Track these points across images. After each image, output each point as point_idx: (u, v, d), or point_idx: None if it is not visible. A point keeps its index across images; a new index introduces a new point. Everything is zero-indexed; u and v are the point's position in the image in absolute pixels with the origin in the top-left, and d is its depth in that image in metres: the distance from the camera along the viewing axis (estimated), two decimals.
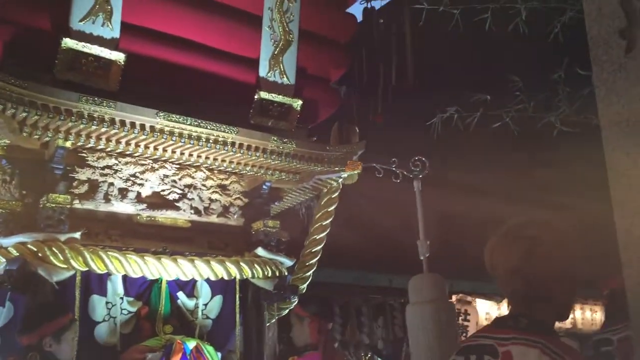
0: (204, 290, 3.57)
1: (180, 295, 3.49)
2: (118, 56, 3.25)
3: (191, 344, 3.16)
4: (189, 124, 3.38)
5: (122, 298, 3.30)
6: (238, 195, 3.84)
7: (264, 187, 3.90)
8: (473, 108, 4.01)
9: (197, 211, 3.68)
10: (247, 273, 3.60)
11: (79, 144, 3.22)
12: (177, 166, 3.63)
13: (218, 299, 3.62)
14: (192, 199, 3.67)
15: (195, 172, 3.69)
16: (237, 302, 3.65)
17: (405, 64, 4.68)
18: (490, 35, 3.95)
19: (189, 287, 3.53)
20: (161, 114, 3.29)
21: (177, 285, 3.49)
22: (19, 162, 3.30)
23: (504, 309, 10.61)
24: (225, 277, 3.54)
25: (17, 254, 3.00)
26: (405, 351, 7.47)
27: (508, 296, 1.79)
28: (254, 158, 3.66)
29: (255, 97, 3.75)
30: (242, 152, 3.60)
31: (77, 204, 3.26)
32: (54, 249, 3.01)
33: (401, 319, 10.12)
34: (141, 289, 3.38)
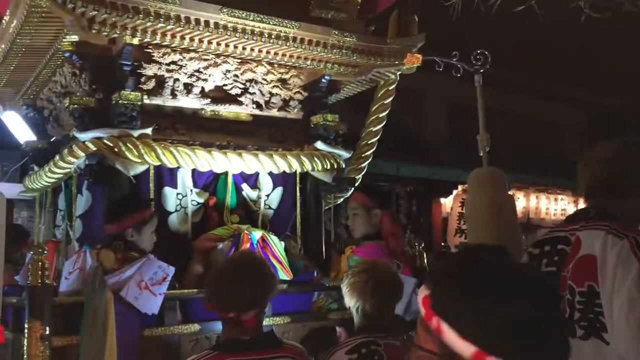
0: (266, 182, 3.72)
1: (245, 186, 3.66)
2: None
3: (257, 234, 3.37)
4: (251, 19, 3.36)
5: (191, 190, 3.48)
6: (298, 89, 3.88)
7: (323, 80, 3.91)
8: None
9: (258, 105, 3.74)
10: (307, 166, 3.73)
11: (146, 40, 3.25)
12: (239, 61, 3.65)
13: (279, 190, 3.78)
14: (254, 93, 3.72)
15: (257, 66, 3.71)
16: (298, 194, 3.81)
17: None
18: None
19: (253, 179, 3.69)
20: (225, 10, 3.27)
21: (242, 177, 3.64)
22: (88, 57, 3.36)
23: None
24: (287, 171, 3.68)
25: (95, 149, 3.16)
26: (407, 237, 7.58)
27: (587, 189, 1.92)
28: (314, 52, 3.64)
29: None
30: (303, 46, 3.59)
31: (145, 100, 3.35)
32: (128, 144, 3.16)
33: (406, 207, 10.27)
34: (208, 181, 3.55)
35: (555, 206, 10.89)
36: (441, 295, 0.97)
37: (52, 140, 4.14)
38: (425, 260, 3.78)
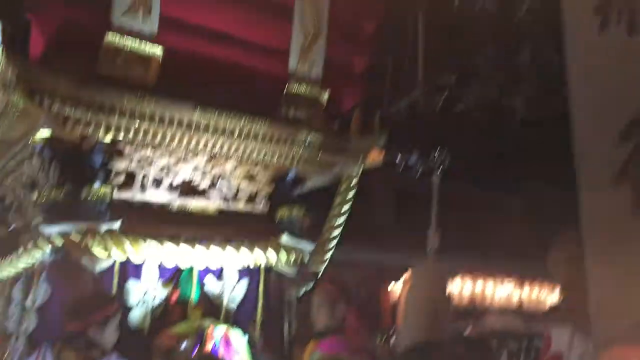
0: (231, 275, 3.74)
1: (208, 279, 3.67)
2: (156, 50, 3.32)
3: (221, 330, 3.36)
4: (223, 118, 3.48)
5: (155, 282, 3.47)
6: (264, 184, 3.98)
7: (289, 175, 4.03)
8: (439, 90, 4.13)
9: (225, 199, 3.81)
10: (272, 260, 3.78)
11: (119, 137, 3.32)
12: (209, 157, 3.74)
13: (243, 283, 3.80)
14: (222, 187, 3.80)
15: (226, 161, 3.80)
16: (261, 287, 3.84)
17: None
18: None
19: (217, 272, 3.71)
20: (198, 110, 3.38)
21: (206, 269, 3.66)
22: (59, 151, 3.39)
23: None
24: (252, 265, 3.72)
25: (62, 244, 3.14)
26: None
27: None
28: (282, 149, 3.78)
29: (286, 88, 3.85)
30: (272, 143, 3.72)
31: (114, 194, 3.38)
32: (96, 239, 3.16)
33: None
34: (172, 274, 3.55)
35: (501, 291, 11.08)
36: None
37: (11, 229, 4.08)
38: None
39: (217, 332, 3.33)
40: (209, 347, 3.23)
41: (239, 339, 3.41)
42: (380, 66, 4.54)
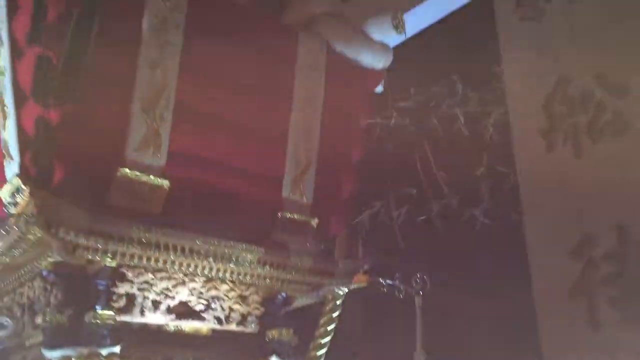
0: None
1: None
2: (164, 182, 3.60)
3: None
4: (223, 246, 3.72)
5: None
6: (256, 305, 4.16)
7: (278, 297, 4.22)
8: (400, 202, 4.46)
9: (219, 321, 3.97)
10: None
11: (124, 263, 3.51)
12: (205, 279, 3.93)
13: None
14: (216, 309, 3.97)
15: (221, 284, 3.99)
16: None
17: None
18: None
19: None
20: (200, 239, 3.62)
21: None
22: (64, 275, 3.55)
23: None
24: None
25: None
26: None
27: None
28: (275, 273, 4.00)
29: (278, 215, 4.13)
30: (265, 268, 3.95)
31: (115, 317, 3.52)
32: None
33: None
34: None
35: None
36: None
37: (2, 348, 4.14)
38: None
39: None
40: None
41: None
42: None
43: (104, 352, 3.35)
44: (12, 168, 3.57)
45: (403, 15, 4.68)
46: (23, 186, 3.44)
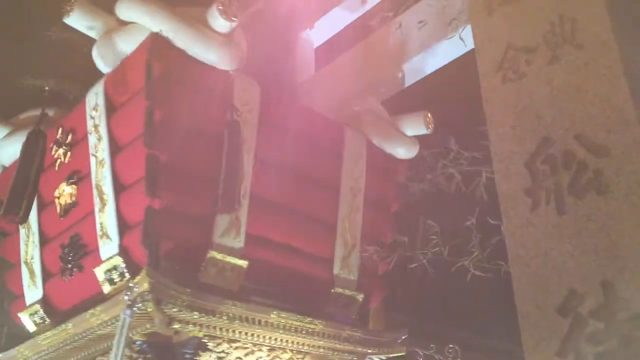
0: None
1: None
2: (243, 263, 4.13)
3: None
4: (291, 319, 4.22)
5: None
6: None
7: None
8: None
9: None
10: None
11: (208, 333, 3.98)
12: (269, 348, 4.41)
13: None
14: None
15: (282, 353, 4.47)
16: None
17: None
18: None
19: None
20: (274, 312, 4.13)
21: None
22: (153, 345, 4.00)
23: None
24: None
25: None
26: None
27: None
28: (329, 343, 4.50)
29: (332, 291, 4.66)
30: (322, 338, 4.45)
31: None
32: None
33: None
34: None
35: None
36: None
37: None
38: None
39: None
40: None
41: None
42: None
43: None
44: (110, 248, 4.07)
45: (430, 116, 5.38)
46: (123, 265, 3.96)
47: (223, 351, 4.17)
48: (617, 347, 1.81)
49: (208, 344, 4.10)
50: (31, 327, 4.74)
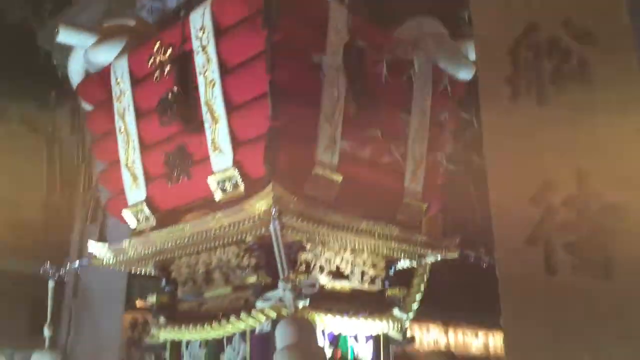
0: (364, 338, 5.07)
1: (352, 341, 4.98)
2: (338, 177, 4.69)
3: None
4: (373, 226, 4.86)
5: (325, 343, 4.74)
6: (381, 269, 5.36)
7: (396, 264, 5.44)
8: None
9: (358, 282, 5.16)
10: (389, 328, 5.14)
11: (309, 238, 4.62)
12: (352, 249, 5.08)
13: (370, 344, 5.13)
14: (356, 273, 5.15)
15: (362, 254, 5.16)
16: (381, 347, 5.18)
17: None
18: None
19: (355, 337, 5.02)
20: (362, 220, 4.75)
21: (350, 335, 4.97)
22: (262, 246, 4.63)
23: None
24: (378, 332, 5.07)
25: (275, 315, 4.36)
26: None
27: None
28: (400, 246, 5.19)
29: (403, 201, 5.28)
30: (393, 242, 5.13)
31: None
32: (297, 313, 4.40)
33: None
34: (334, 338, 4.84)
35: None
36: None
37: (179, 297, 5.22)
38: None
39: None
40: None
41: None
42: None
43: (300, 304, 4.48)
44: (223, 161, 4.58)
45: None
46: (237, 177, 4.50)
47: (317, 252, 4.85)
48: (587, 236, 1.84)
49: (306, 246, 4.77)
50: (134, 224, 5.32)
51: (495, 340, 12.46)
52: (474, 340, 12.67)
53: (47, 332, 5.34)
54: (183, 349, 5.14)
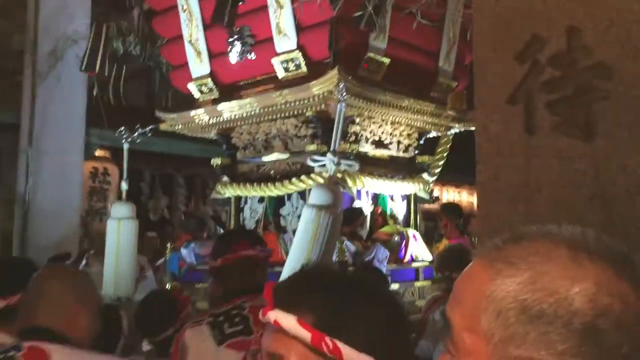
0: (399, 198, 6.00)
1: (388, 200, 5.90)
2: (386, 60, 5.33)
3: (411, 231, 5.67)
4: (413, 102, 5.59)
5: (367, 201, 5.66)
6: (415, 139, 6.17)
7: (427, 134, 6.24)
8: None
9: (396, 149, 5.98)
10: (418, 188, 6.06)
11: (359, 113, 5.36)
12: (391, 122, 5.85)
13: (404, 203, 6.07)
14: (394, 142, 5.95)
15: (399, 126, 5.93)
16: (412, 205, 6.13)
17: None
18: None
19: (391, 196, 5.94)
20: (404, 97, 5.47)
21: (387, 194, 5.88)
22: (319, 119, 5.37)
23: None
24: (410, 192, 5.99)
25: (333, 175, 5.22)
26: None
27: None
28: (432, 119, 5.95)
29: (437, 80, 5.97)
30: (429, 116, 5.89)
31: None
32: (348, 177, 5.25)
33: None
34: (375, 197, 5.75)
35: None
36: (324, 313, 0.92)
37: (238, 160, 6.04)
38: None
39: (410, 232, 5.62)
40: (411, 242, 5.52)
41: (418, 236, 5.73)
42: None
43: (352, 170, 5.32)
44: (287, 43, 5.19)
45: None
46: (300, 58, 5.13)
47: (364, 125, 5.61)
48: (572, 95, 1.76)
49: (356, 120, 5.52)
50: (197, 95, 5.99)
51: None
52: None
53: (124, 185, 6.19)
54: (242, 204, 6.04)
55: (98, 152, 8.51)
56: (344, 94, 4.57)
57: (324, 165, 4.55)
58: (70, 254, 5.85)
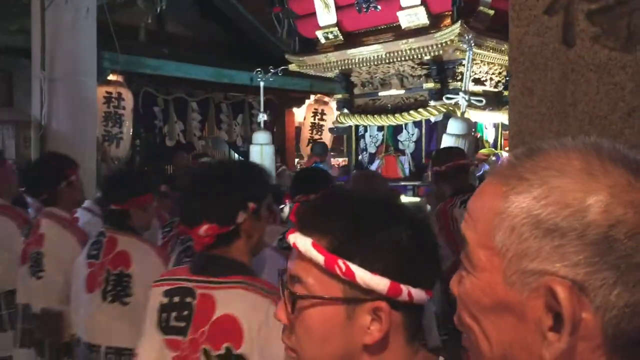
0: (490, 125, 7.24)
1: (484, 127, 7.15)
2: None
3: (502, 153, 6.94)
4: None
5: None
6: (503, 77, 7.30)
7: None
8: None
9: (489, 85, 7.16)
10: (504, 119, 7.27)
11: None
12: (488, 64, 6.99)
13: (493, 130, 7.31)
14: (489, 79, 7.12)
15: (494, 66, 7.08)
16: (500, 131, 7.36)
17: None
18: None
19: (485, 124, 7.19)
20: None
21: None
22: (436, 62, 6.54)
23: None
24: (498, 121, 7.22)
25: (444, 111, 6.44)
26: None
27: None
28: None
29: (478, 9, 6.99)
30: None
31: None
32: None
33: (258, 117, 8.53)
34: (475, 125, 6.99)
35: None
36: (339, 236, 0.92)
37: (355, 94, 7.24)
38: None
39: (502, 153, 6.91)
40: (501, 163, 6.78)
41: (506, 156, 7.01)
42: None
43: (481, 104, 6.52)
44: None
45: None
46: (423, 12, 6.24)
47: (469, 67, 6.78)
48: (614, 4, 1.68)
49: (463, 62, 6.68)
50: (323, 41, 7.10)
51: None
52: None
53: (262, 116, 7.38)
54: (362, 132, 7.27)
55: (111, 77, 8.22)
56: (472, 43, 5.74)
57: (456, 103, 5.81)
58: None
